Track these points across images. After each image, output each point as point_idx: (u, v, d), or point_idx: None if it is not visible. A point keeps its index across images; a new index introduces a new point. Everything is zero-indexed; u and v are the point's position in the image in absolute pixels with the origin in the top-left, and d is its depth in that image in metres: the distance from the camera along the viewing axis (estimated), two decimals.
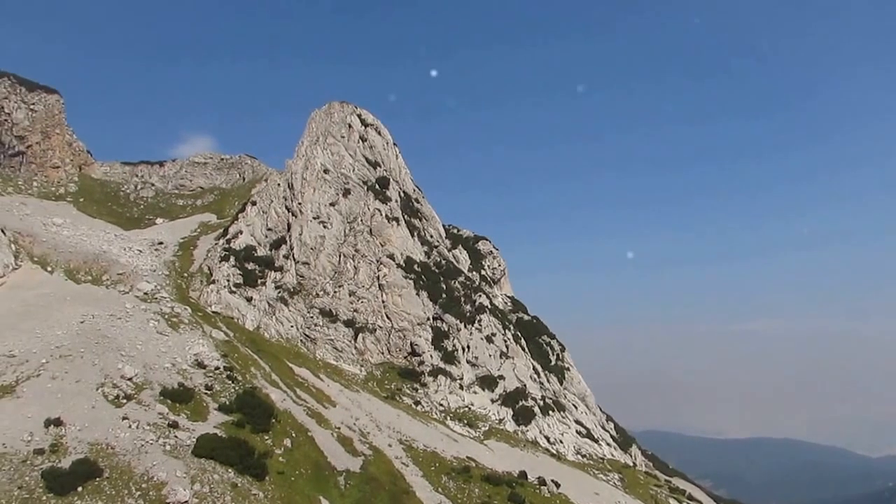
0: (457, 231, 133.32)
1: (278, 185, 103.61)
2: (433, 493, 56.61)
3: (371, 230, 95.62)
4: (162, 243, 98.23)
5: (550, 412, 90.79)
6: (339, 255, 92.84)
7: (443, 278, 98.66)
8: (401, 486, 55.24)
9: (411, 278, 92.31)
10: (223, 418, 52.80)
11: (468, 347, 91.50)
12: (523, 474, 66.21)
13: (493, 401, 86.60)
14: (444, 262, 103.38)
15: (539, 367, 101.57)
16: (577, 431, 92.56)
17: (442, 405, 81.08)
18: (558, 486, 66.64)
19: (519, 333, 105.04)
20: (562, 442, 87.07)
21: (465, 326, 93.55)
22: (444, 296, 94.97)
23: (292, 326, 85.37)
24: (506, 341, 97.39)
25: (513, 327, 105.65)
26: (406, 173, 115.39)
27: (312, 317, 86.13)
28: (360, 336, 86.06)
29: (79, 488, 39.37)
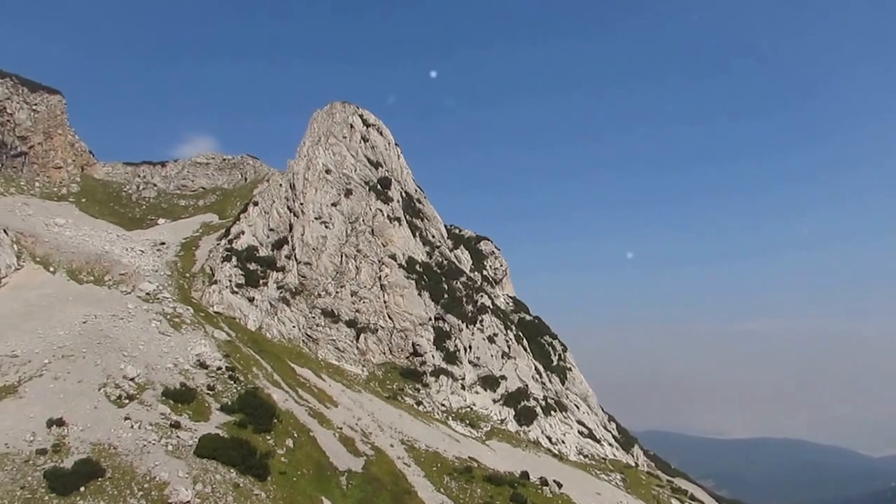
0: (458, 231, 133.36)
1: (280, 185, 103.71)
2: (435, 493, 56.60)
3: (373, 230, 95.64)
4: (164, 244, 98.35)
5: (552, 412, 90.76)
6: (341, 256, 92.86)
7: (445, 278, 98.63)
8: (403, 487, 55.25)
9: (413, 278, 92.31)
10: (225, 418, 52.85)
11: (470, 348, 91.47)
12: (525, 474, 66.18)
13: (494, 401, 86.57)
14: (445, 262, 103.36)
15: (541, 368, 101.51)
16: (579, 432, 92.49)
17: (444, 405, 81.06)
18: (560, 486, 66.61)
19: (521, 334, 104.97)
20: (564, 442, 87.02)
21: (467, 327, 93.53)
22: (446, 296, 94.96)
23: (294, 327, 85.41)
24: (508, 341, 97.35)
25: (514, 327, 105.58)
26: (408, 173, 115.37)
27: (314, 317, 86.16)
28: (362, 336, 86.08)
29: (81, 488, 39.43)
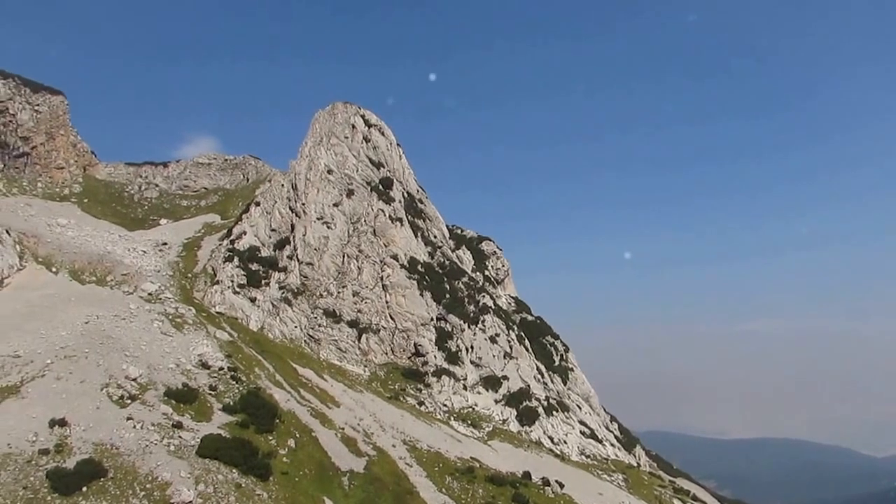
0: (460, 231, 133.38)
1: (282, 185, 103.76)
2: (437, 493, 56.59)
3: (375, 231, 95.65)
4: (166, 244, 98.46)
5: (554, 412, 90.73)
6: (343, 256, 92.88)
7: (446, 279, 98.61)
8: (405, 487, 55.25)
9: (415, 279, 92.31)
10: (227, 419, 52.92)
11: (472, 348, 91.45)
12: (527, 475, 66.15)
13: (496, 401, 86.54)
14: (447, 262, 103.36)
15: (543, 368, 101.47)
16: (580, 432, 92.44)
17: (446, 405, 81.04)
18: (562, 486, 66.55)
19: (523, 334, 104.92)
20: (566, 442, 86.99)
21: (469, 327, 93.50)
22: (448, 296, 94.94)
23: (296, 327, 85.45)
24: (509, 342, 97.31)
25: (516, 328, 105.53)
26: (409, 174, 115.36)
27: (316, 317, 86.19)
28: (364, 336, 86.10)
29: (83, 488, 39.52)
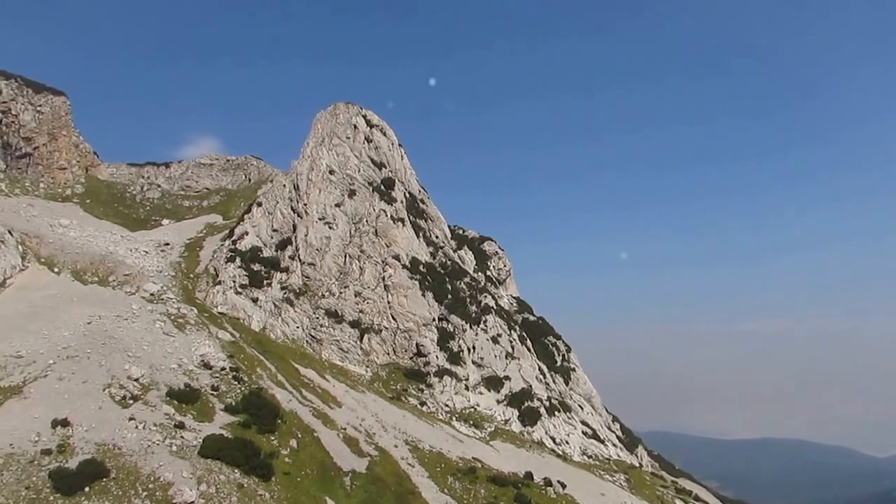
0: (462, 232, 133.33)
1: (284, 186, 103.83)
2: (439, 493, 56.54)
3: (376, 231, 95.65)
4: (168, 244, 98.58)
5: (556, 413, 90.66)
6: (345, 256, 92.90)
7: (448, 279, 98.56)
8: (406, 487, 55.22)
9: (417, 279, 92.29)
10: (229, 419, 52.92)
11: (474, 348, 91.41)
12: (529, 475, 66.13)
13: (498, 401, 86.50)
14: (449, 262, 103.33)
15: (545, 368, 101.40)
16: (582, 432, 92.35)
17: (448, 406, 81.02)
18: (564, 486, 66.51)
19: (524, 334, 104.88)
20: (568, 443, 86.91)
21: (471, 327, 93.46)
22: (450, 296, 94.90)
23: (298, 327, 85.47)
24: (511, 342, 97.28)
25: (518, 328, 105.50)
26: (411, 174, 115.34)
27: (318, 317, 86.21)
28: (366, 337, 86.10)
29: (86, 488, 39.54)
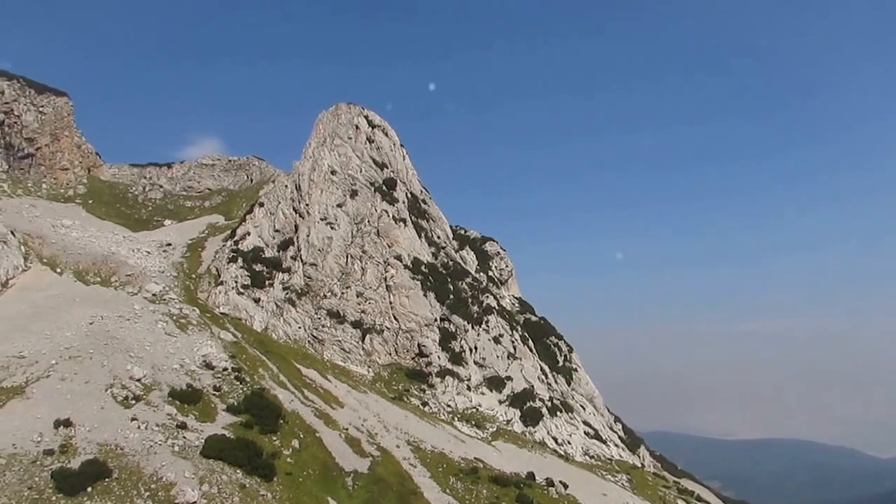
0: (464, 232, 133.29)
1: (286, 186, 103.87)
2: (441, 493, 56.52)
3: (378, 231, 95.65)
4: (170, 245, 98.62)
5: (558, 413, 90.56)
6: (347, 257, 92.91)
7: (450, 279, 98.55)
8: (409, 487, 55.19)
9: (419, 279, 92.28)
10: (231, 419, 52.94)
11: (476, 348, 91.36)
12: (531, 475, 66.07)
13: (500, 402, 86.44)
14: (451, 263, 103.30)
15: (547, 368, 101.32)
16: (584, 432, 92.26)
17: (450, 406, 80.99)
18: (566, 487, 66.44)
19: (526, 334, 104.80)
20: (570, 443, 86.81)
21: (473, 327, 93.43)
22: (452, 297, 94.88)
23: (300, 327, 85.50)
24: (513, 342, 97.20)
25: (520, 328, 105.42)
26: (413, 174, 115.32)
27: (320, 318, 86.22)
28: (368, 337, 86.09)
29: (88, 489, 39.54)
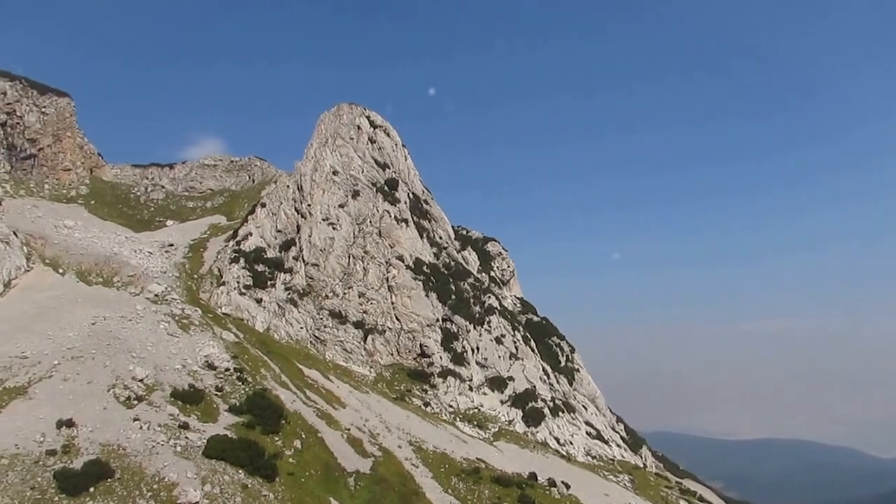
0: (466, 232, 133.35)
1: (287, 186, 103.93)
2: (443, 494, 56.48)
3: (380, 231, 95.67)
4: (172, 245, 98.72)
5: (560, 413, 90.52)
6: (349, 257, 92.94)
7: (452, 279, 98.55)
8: (410, 487, 55.18)
9: (420, 280, 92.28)
10: (233, 419, 52.93)
11: (477, 349, 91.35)
12: (533, 476, 66.02)
13: (502, 402, 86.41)
14: (453, 263, 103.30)
15: (549, 369, 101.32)
16: (586, 433, 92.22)
17: (451, 406, 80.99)
18: (568, 487, 66.38)
19: (528, 335, 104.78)
20: (572, 443, 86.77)
21: (475, 328, 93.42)
22: (454, 297, 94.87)
23: (302, 328, 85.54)
24: (515, 342, 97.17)
25: (522, 328, 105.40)
26: (415, 175, 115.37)
27: (322, 318, 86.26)
28: (370, 337, 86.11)
29: (90, 489, 39.52)
